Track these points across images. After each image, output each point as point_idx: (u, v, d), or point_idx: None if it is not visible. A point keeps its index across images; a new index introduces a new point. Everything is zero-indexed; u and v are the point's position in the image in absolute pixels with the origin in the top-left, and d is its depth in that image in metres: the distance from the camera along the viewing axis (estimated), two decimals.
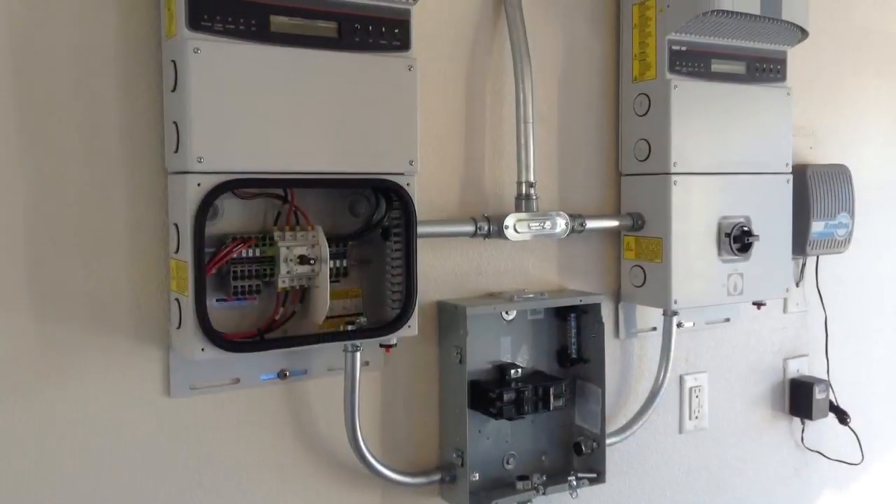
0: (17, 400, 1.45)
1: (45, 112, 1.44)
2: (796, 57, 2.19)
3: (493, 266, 1.94)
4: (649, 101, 1.97)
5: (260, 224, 1.58)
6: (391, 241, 1.65)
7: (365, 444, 1.69)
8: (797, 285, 2.47)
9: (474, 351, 1.84)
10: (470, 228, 1.80)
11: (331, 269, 1.56)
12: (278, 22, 1.48)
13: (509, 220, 1.81)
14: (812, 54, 2.44)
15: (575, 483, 1.92)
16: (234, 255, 1.50)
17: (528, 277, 1.99)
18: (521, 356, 1.94)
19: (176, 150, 1.44)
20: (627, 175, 2.07)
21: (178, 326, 1.48)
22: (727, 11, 1.87)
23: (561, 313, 1.97)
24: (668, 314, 2.06)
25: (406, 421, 1.85)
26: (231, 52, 1.44)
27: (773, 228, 2.10)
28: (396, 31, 1.60)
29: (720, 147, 2.01)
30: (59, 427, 1.49)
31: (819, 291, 2.52)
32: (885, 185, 2.69)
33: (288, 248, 1.53)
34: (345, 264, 1.63)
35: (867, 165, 2.62)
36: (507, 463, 1.92)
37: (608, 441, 1.99)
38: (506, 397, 1.79)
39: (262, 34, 1.47)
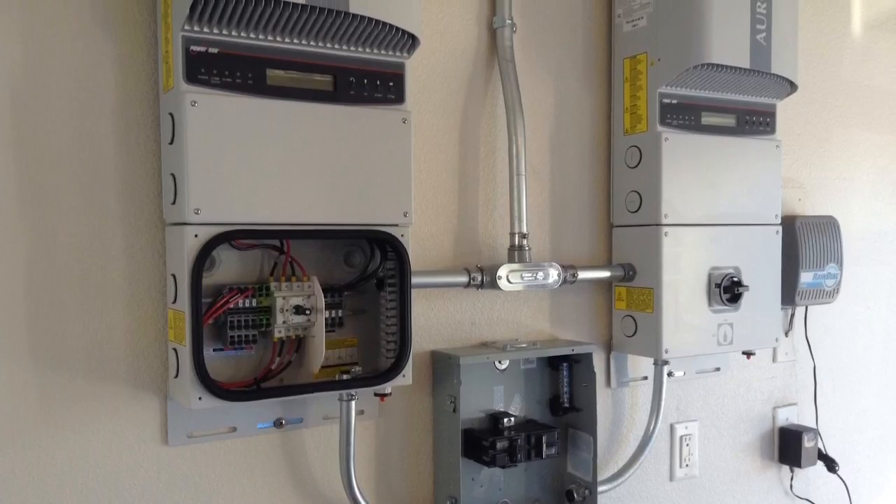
0: (17, 449, 1.46)
1: (45, 165, 1.46)
2: (785, 110, 2.23)
3: (487, 316, 1.95)
4: (640, 153, 2.00)
5: (256, 274, 1.59)
6: (386, 291, 1.66)
7: (360, 492, 1.69)
8: (786, 335, 2.49)
9: (468, 400, 1.85)
10: (463, 279, 1.81)
11: (326, 319, 1.57)
12: (274, 75, 1.50)
13: (502, 271, 1.82)
14: (801, 107, 2.48)
15: None
16: (231, 306, 1.51)
17: (520, 327, 2.00)
18: (513, 405, 1.94)
19: (173, 202, 1.46)
20: (619, 226, 2.09)
21: (176, 375, 1.49)
22: (717, 65, 1.90)
23: (553, 363, 1.98)
24: (659, 364, 2.07)
25: (400, 469, 1.85)
26: (228, 104, 1.45)
27: (763, 279, 2.12)
28: (391, 84, 1.62)
29: (710, 199, 2.03)
30: (58, 475, 1.49)
31: (808, 341, 2.53)
32: (873, 237, 2.71)
33: (284, 298, 1.54)
34: (340, 314, 1.63)
35: (855, 217, 2.65)
36: None
37: (600, 489, 2.00)
38: (499, 445, 1.80)
39: (259, 87, 1.48)
